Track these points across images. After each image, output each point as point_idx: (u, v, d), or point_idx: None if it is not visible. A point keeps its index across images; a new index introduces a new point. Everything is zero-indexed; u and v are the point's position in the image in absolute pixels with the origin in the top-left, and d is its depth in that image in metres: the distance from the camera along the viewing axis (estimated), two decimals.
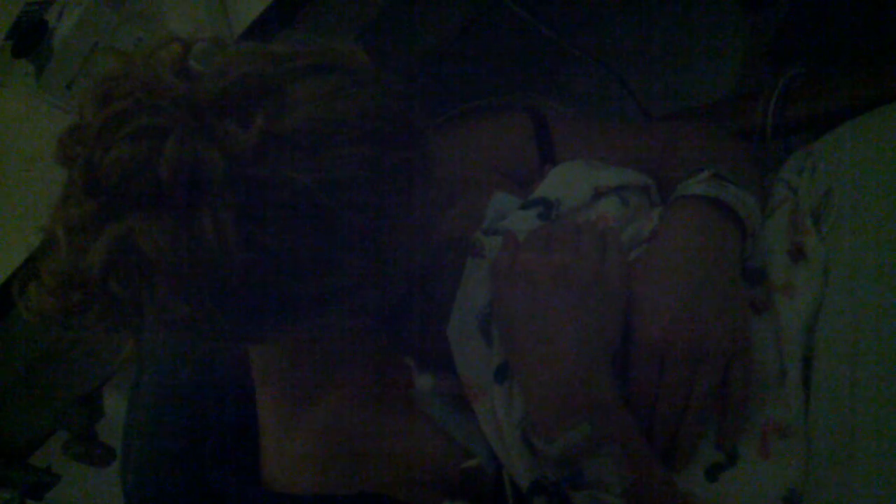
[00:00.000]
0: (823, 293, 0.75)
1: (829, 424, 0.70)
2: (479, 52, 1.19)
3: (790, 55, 1.14)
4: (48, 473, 1.36)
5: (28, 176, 1.07)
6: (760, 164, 0.92)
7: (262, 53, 0.60)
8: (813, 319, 0.75)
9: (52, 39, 1.05)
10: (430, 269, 0.72)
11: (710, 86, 1.33)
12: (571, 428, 0.67)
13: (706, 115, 1.09)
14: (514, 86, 1.04)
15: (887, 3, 1.06)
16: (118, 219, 0.55)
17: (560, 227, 0.78)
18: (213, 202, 0.55)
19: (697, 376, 0.71)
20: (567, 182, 0.85)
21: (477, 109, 0.98)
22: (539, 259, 0.74)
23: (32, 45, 1.05)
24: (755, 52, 1.32)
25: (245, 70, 0.57)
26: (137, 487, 0.88)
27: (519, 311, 0.73)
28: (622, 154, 0.92)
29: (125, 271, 0.56)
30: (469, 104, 0.98)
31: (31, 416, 1.30)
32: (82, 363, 1.24)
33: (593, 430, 0.67)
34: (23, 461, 1.34)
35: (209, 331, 0.61)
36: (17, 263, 0.99)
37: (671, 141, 0.94)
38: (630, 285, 0.74)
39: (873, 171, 0.79)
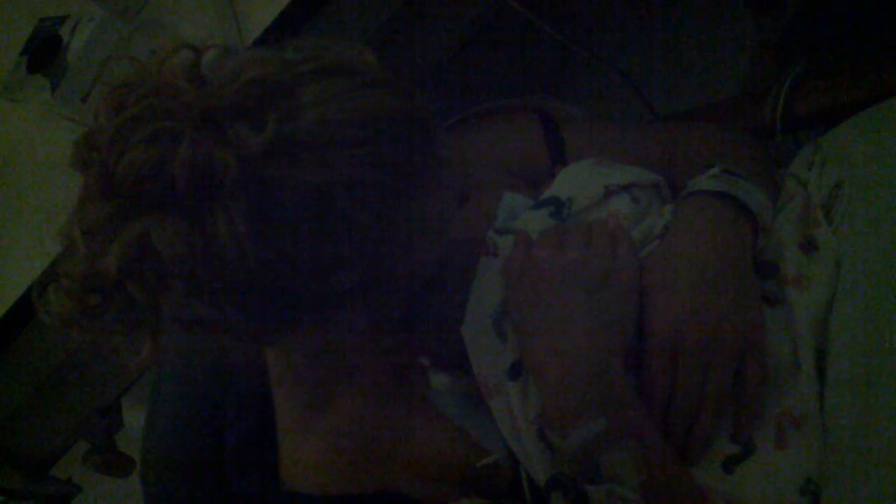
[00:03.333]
0: (836, 284, 0.76)
1: (845, 414, 0.70)
2: (487, 55, 1.20)
3: (798, 53, 1.14)
4: (69, 485, 1.36)
5: (44, 189, 1.08)
6: (770, 160, 0.92)
7: (273, 58, 0.61)
8: (826, 311, 0.75)
9: (67, 54, 1.06)
10: (443, 268, 0.72)
11: (717, 85, 1.33)
12: (587, 423, 0.68)
13: (714, 113, 1.09)
14: (522, 88, 1.04)
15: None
16: (134, 221, 0.56)
17: (571, 226, 0.78)
18: (227, 204, 0.55)
19: (711, 370, 0.71)
20: (578, 181, 0.86)
21: (487, 111, 0.98)
22: (551, 257, 0.74)
23: (47, 60, 1.07)
24: (763, 51, 1.32)
25: (256, 74, 0.58)
26: (159, 493, 0.89)
27: (532, 309, 0.73)
28: (632, 153, 0.93)
29: (141, 273, 0.56)
30: (479, 106, 0.98)
31: (50, 428, 1.30)
32: (101, 374, 1.24)
33: (609, 425, 0.67)
34: (44, 473, 1.35)
35: (225, 331, 0.61)
36: (35, 275, 1.00)
37: (680, 139, 0.94)
38: (642, 281, 0.74)
39: (882, 163, 0.79)
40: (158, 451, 0.90)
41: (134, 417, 1.30)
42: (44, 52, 1.07)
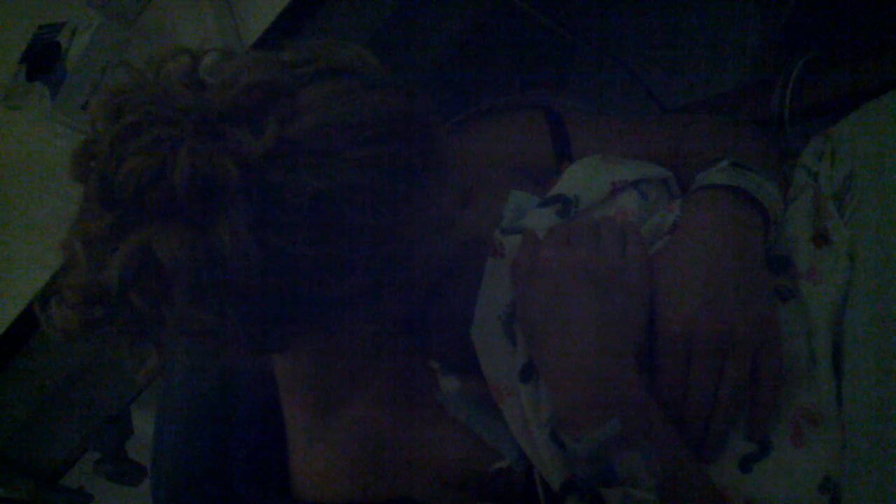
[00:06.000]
0: (850, 277, 0.74)
1: (863, 410, 0.69)
2: (491, 52, 1.19)
3: (804, 44, 1.13)
4: (80, 494, 1.36)
5: (46, 198, 1.08)
6: (779, 152, 0.91)
7: (271, 61, 0.60)
8: (841, 304, 0.73)
9: (66, 61, 1.05)
10: (450, 270, 0.71)
11: (724, 76, 1.32)
12: (600, 424, 0.67)
13: (721, 105, 1.08)
14: (526, 84, 1.03)
15: None
16: (135, 230, 0.55)
17: (579, 224, 0.78)
18: (229, 210, 0.55)
19: (725, 367, 0.70)
20: (584, 178, 0.85)
21: (492, 109, 0.97)
22: (559, 256, 0.73)
23: (46, 67, 1.06)
24: (769, 42, 1.31)
25: (254, 78, 0.57)
26: None
27: (541, 309, 0.72)
28: (639, 148, 0.92)
29: (144, 283, 0.56)
30: (484, 104, 0.97)
31: (61, 437, 1.30)
32: (110, 382, 1.24)
33: (623, 426, 0.66)
34: (55, 482, 1.34)
35: (231, 339, 0.61)
36: (40, 284, 1.00)
37: (687, 132, 0.93)
38: (653, 278, 0.73)
39: (893, 152, 0.78)
40: (168, 464, 0.89)
41: (144, 425, 1.30)
42: (43, 59, 1.07)
